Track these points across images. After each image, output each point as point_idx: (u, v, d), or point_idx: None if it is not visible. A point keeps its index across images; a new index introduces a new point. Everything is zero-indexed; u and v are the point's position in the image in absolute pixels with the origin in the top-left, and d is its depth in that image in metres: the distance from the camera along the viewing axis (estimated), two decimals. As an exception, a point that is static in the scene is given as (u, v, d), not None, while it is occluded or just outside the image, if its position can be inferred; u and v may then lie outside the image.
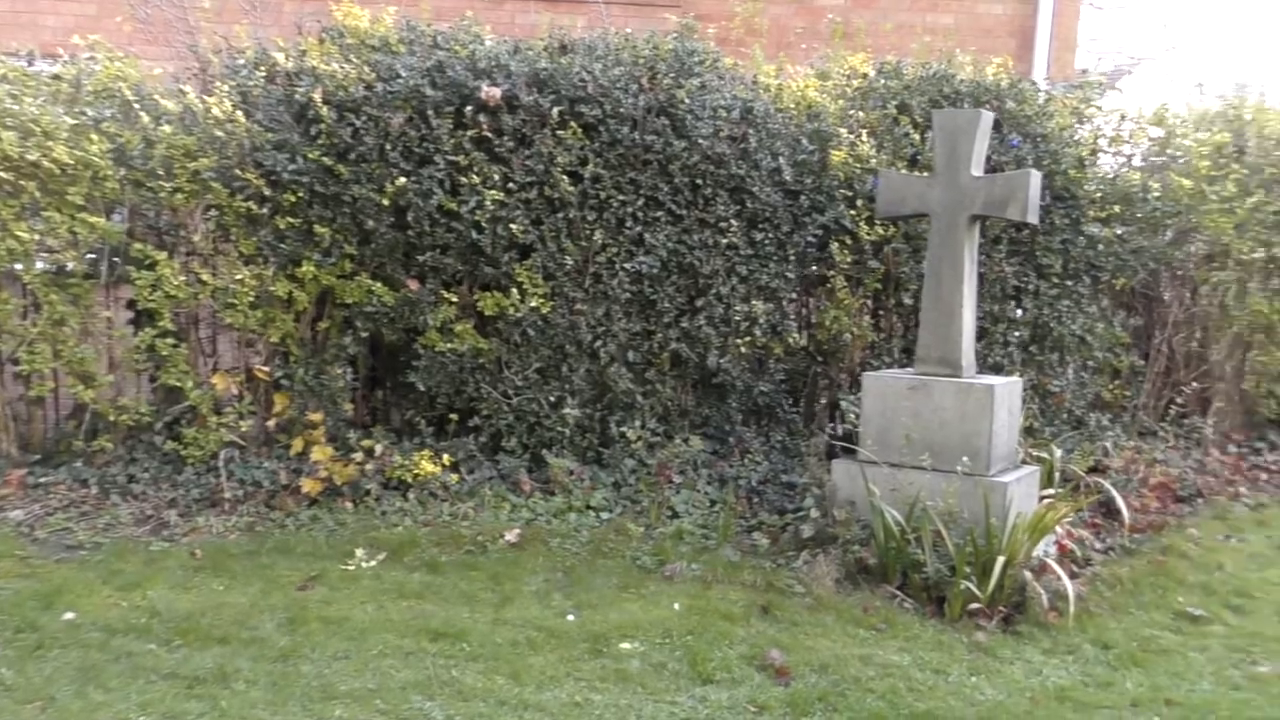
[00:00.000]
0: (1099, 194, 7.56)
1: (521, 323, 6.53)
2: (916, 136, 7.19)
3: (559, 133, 6.43)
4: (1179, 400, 8.13)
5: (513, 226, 6.39)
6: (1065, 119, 7.74)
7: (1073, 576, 5.51)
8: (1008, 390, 6.00)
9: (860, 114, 7.30)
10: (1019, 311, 7.46)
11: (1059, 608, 5.28)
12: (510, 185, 6.40)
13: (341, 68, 6.41)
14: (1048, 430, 7.33)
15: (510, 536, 5.87)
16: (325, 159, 6.22)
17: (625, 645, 4.73)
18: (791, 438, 7.15)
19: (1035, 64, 11.51)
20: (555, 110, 6.42)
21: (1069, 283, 7.46)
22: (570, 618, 5.00)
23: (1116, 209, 7.59)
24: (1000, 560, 5.20)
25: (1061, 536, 5.76)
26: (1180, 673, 4.73)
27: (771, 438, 7.13)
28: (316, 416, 6.37)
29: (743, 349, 6.90)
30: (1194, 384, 8.25)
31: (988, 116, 6.01)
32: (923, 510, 5.52)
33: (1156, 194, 7.74)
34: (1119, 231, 7.61)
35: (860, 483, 5.87)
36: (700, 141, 6.61)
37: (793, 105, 7.22)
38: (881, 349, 7.28)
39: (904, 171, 6.87)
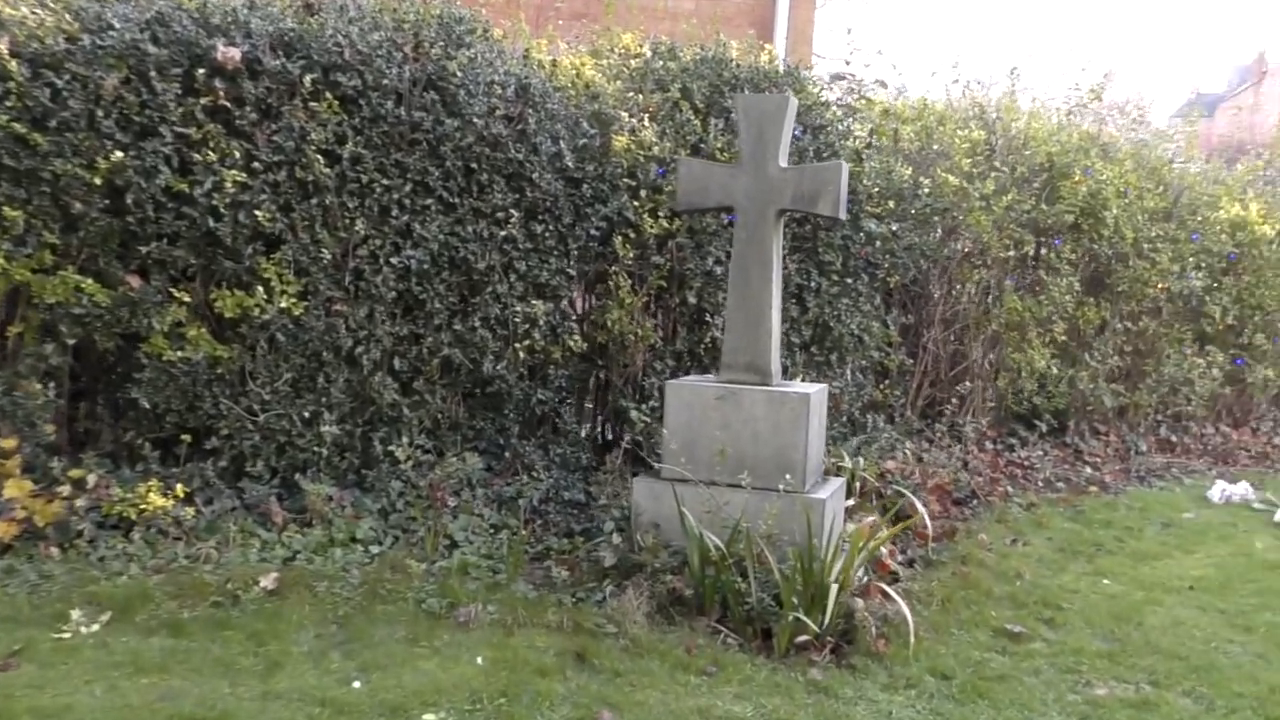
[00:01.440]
0: (875, 189, 7.35)
1: (269, 326, 5.56)
2: (698, 123, 6.71)
3: (312, 105, 5.51)
4: (951, 399, 8.10)
5: (257, 213, 5.41)
6: (834, 111, 7.51)
7: (887, 596, 5.17)
8: (820, 398, 5.61)
9: (640, 97, 6.75)
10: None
11: (886, 634, 4.92)
12: (254, 164, 5.42)
13: (34, 14, 5.22)
14: (828, 435, 7.05)
15: (267, 582, 4.93)
16: (16, 125, 5.04)
17: (430, 717, 3.96)
18: (573, 450, 6.52)
19: (775, 55, 11.39)
20: (307, 78, 5.49)
21: (849, 280, 7.21)
22: (356, 684, 4.17)
23: (891, 204, 7.41)
24: (834, 589, 4.77)
25: (885, 555, 5.42)
26: (1025, 703, 4.44)
27: (551, 451, 6.47)
28: (9, 443, 5.16)
29: (521, 354, 6.21)
30: (956, 382, 8.24)
31: (794, 101, 5.59)
32: (743, 533, 5.04)
33: (928, 190, 7.63)
34: (894, 228, 7.44)
35: (665, 503, 5.33)
36: (474, 121, 5.85)
37: (569, 84, 6.57)
38: (664, 351, 6.76)
39: (704, 160, 6.38)
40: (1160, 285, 8.95)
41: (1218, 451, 9.58)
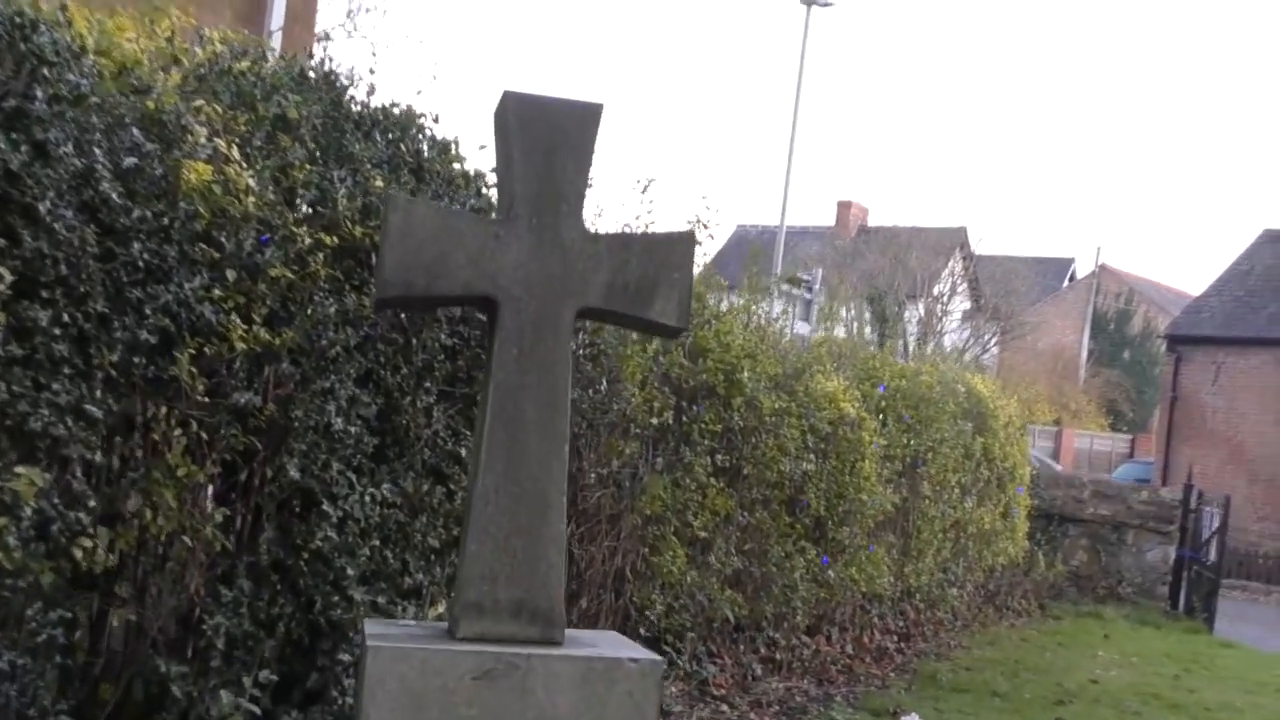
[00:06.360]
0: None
1: None
2: (310, 170, 3.94)
3: None
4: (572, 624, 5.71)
5: None
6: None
7: None
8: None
9: (215, 109, 3.83)
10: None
11: None
12: None
13: None
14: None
15: None
16: None
17: None
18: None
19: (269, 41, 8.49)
20: None
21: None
22: None
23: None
24: None
25: None
26: None
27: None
28: None
29: (-22, 581, 2.90)
30: (577, 599, 5.90)
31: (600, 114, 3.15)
32: None
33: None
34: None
35: None
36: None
37: (100, 56, 3.50)
38: (237, 564, 3.72)
39: (443, 206, 3.66)
40: (784, 469, 7.37)
41: (811, 665, 8.09)
